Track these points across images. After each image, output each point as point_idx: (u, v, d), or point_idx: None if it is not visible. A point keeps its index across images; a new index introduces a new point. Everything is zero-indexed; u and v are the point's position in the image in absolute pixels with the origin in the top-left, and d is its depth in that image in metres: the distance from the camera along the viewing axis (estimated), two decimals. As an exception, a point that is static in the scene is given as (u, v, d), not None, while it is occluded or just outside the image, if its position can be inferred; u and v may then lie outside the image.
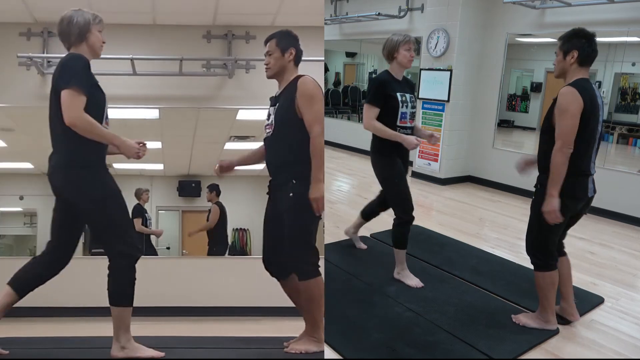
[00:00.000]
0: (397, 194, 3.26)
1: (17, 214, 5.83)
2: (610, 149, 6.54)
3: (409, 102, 3.16)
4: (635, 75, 6.42)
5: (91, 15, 2.21)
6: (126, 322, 2.17)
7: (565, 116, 2.40)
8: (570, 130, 2.40)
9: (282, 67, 2.37)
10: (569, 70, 2.51)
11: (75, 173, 2.14)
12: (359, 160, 8.04)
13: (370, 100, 3.13)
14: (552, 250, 2.65)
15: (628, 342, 2.70)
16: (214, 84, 4.03)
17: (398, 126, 3.12)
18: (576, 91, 2.41)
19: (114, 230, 2.16)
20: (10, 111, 4.20)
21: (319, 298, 2.28)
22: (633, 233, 4.72)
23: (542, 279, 2.66)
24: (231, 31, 4.02)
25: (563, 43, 2.51)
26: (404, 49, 3.12)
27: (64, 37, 2.19)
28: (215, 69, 4.00)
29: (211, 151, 5.05)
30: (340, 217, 4.81)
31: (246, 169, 2.65)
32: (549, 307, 2.70)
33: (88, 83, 2.08)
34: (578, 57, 2.46)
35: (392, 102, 3.10)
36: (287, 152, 2.33)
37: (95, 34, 2.20)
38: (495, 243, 4.25)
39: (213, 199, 5.15)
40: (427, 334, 2.64)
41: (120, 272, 2.17)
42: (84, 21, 2.16)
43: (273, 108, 2.40)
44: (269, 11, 3.83)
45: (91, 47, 2.20)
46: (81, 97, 2.03)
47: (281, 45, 2.35)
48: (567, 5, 5.29)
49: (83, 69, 2.09)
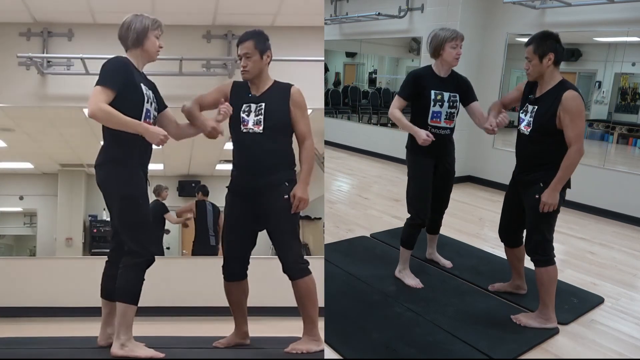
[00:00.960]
0: (413, 194, 3.23)
1: (17, 214, 5.84)
2: (610, 149, 6.53)
3: (447, 101, 3.03)
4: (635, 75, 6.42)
5: (151, 20, 2.28)
6: (128, 319, 2.18)
7: (581, 119, 2.52)
8: (583, 132, 2.54)
9: (260, 70, 2.37)
10: (545, 73, 2.61)
11: (107, 170, 2.22)
12: (359, 160, 8.05)
13: (399, 91, 3.11)
14: (552, 243, 2.75)
15: (628, 342, 2.70)
16: (214, 84, 4.00)
17: (429, 125, 3.04)
18: (578, 94, 2.53)
19: (129, 229, 2.21)
20: (10, 111, 4.21)
21: (315, 295, 2.33)
22: (633, 233, 4.72)
23: (546, 274, 2.70)
24: (231, 31, 4.02)
25: (537, 47, 2.58)
26: (450, 46, 2.97)
27: (122, 40, 2.28)
28: (215, 69, 4.00)
29: (211, 151, 5.05)
30: (340, 217, 4.81)
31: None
32: (550, 303, 2.72)
33: (120, 82, 2.14)
34: (554, 58, 2.57)
35: (423, 99, 3.02)
36: (280, 154, 2.36)
37: (151, 39, 2.28)
38: (495, 243, 4.24)
39: (200, 198, 5.12)
40: (427, 334, 2.64)
41: (128, 269, 2.20)
42: (141, 27, 2.25)
43: (256, 105, 2.36)
44: (269, 11, 3.83)
45: (146, 52, 2.28)
46: (106, 92, 2.10)
47: (259, 47, 2.35)
48: (567, 5, 5.28)
49: (116, 69, 2.17)
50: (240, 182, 2.40)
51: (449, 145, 3.22)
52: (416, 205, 3.21)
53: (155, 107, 2.33)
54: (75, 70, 3.86)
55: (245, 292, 2.51)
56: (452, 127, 3.14)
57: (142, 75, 2.32)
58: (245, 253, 2.46)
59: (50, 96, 3.94)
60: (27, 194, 5.59)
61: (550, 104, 2.57)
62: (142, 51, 2.27)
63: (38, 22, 3.89)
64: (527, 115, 2.71)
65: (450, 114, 3.08)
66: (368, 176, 6.97)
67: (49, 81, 3.92)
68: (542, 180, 2.62)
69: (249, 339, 2.53)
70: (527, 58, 2.64)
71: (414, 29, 7.40)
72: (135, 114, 2.15)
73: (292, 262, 2.32)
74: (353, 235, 4.27)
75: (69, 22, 3.91)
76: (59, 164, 5.51)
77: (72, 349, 2.57)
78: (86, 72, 3.73)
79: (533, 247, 2.73)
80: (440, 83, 3.06)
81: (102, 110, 2.07)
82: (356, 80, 10.73)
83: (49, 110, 4.20)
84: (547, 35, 2.60)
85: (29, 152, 5.27)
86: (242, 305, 2.52)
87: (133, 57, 2.27)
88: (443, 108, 3.04)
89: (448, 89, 3.06)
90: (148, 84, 2.33)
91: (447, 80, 3.09)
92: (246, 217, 2.38)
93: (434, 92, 3.02)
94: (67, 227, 5.48)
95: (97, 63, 2.37)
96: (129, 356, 2.14)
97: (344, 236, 4.19)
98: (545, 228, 2.70)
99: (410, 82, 3.07)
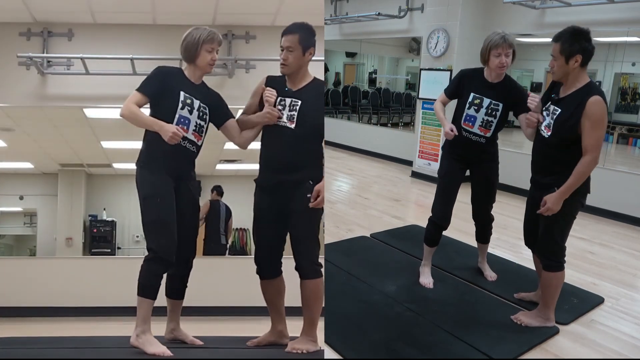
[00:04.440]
0: (436, 194, 3.21)
1: (17, 214, 5.84)
2: (610, 149, 6.55)
3: (485, 107, 2.87)
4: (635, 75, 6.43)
5: (205, 34, 2.31)
6: (142, 312, 2.24)
7: (600, 127, 2.37)
8: (602, 142, 2.40)
9: (299, 66, 2.35)
10: (571, 73, 2.43)
11: (138, 170, 2.33)
12: (359, 160, 8.04)
13: (446, 87, 3.09)
14: (565, 249, 2.65)
15: (628, 342, 2.70)
16: (214, 84, 3.98)
17: (462, 127, 2.94)
18: (603, 101, 2.37)
19: (149, 228, 2.28)
20: (10, 111, 4.21)
21: (322, 297, 2.34)
22: (633, 233, 4.72)
23: (554, 279, 2.64)
24: (231, 31, 4.02)
25: (564, 47, 2.38)
26: (494, 55, 2.78)
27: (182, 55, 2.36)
28: (215, 69, 3.99)
29: (211, 151, 5.05)
30: (340, 217, 4.81)
31: (246, 169, 2.66)
32: (552, 305, 2.71)
33: (154, 88, 2.27)
34: (582, 60, 2.38)
35: (462, 99, 2.94)
36: (308, 153, 2.34)
37: (203, 55, 2.32)
38: (495, 243, 4.24)
39: (214, 198, 5.17)
40: (427, 334, 2.64)
41: (146, 264, 2.27)
42: (192, 44, 2.30)
43: (291, 100, 2.35)
44: (269, 11, 3.83)
45: (199, 66, 2.34)
46: (138, 96, 2.25)
47: (303, 42, 2.31)
48: (567, 5, 5.28)
49: (152, 76, 2.30)
50: (267, 176, 2.38)
51: (483, 155, 3.03)
52: (438, 207, 3.19)
53: (201, 115, 2.35)
54: (75, 70, 3.86)
55: (279, 290, 2.45)
56: (487, 137, 2.95)
57: (193, 85, 2.35)
58: (274, 250, 2.42)
59: (50, 96, 3.94)
60: (27, 193, 5.59)
61: (574, 110, 2.40)
62: (195, 66, 2.34)
63: (38, 22, 3.89)
64: (548, 116, 2.55)
65: (487, 122, 2.90)
66: (368, 176, 6.97)
67: (49, 81, 3.92)
68: (557, 184, 2.47)
69: (287, 339, 2.43)
70: (553, 56, 2.44)
71: (414, 29, 7.40)
72: (167, 119, 2.25)
73: (309, 263, 2.31)
74: (353, 235, 4.27)
75: (69, 22, 3.91)
76: (59, 164, 5.51)
77: (72, 348, 2.57)
78: (86, 72, 3.73)
79: (544, 251, 2.65)
80: (484, 87, 2.90)
81: (129, 110, 2.21)
82: (356, 80, 10.74)
83: (49, 110, 4.20)
84: (577, 33, 2.37)
85: (29, 152, 5.27)
86: (276, 304, 2.45)
87: (188, 69, 2.36)
88: (479, 113, 2.89)
89: (491, 95, 2.88)
90: (201, 95, 2.36)
91: (495, 86, 2.89)
92: (272, 213, 2.37)
93: (473, 94, 2.91)
94: (67, 227, 5.48)
95: (97, 63, 2.39)
96: (139, 347, 2.21)
97: (344, 236, 4.19)
98: (557, 232, 2.59)
99: (456, 80, 3.03)
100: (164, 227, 2.26)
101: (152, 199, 2.26)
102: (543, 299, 2.74)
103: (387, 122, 9.92)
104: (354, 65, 10.70)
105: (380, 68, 10.91)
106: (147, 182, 2.28)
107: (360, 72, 10.57)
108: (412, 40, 8.87)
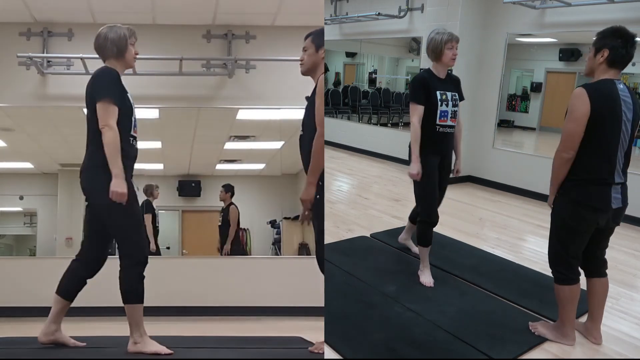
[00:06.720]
0: (420, 194, 3.31)
1: (17, 214, 5.83)
2: (610, 149, 6.54)
3: (450, 100, 3.16)
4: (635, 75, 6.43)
5: (126, 30, 2.35)
6: (137, 318, 2.25)
7: (570, 119, 2.31)
8: (571, 135, 2.30)
9: (314, 63, 2.38)
10: (597, 69, 2.36)
11: (94, 175, 2.25)
12: (359, 160, 8.05)
13: (412, 98, 3.13)
14: (574, 264, 2.49)
15: (628, 342, 2.70)
16: (213, 84, 4.03)
17: (437, 124, 3.13)
18: (585, 94, 2.28)
19: (123, 232, 2.26)
20: (10, 111, 4.21)
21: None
22: (633, 233, 4.72)
23: (561, 292, 2.53)
24: (231, 31, 4.02)
25: (597, 40, 2.33)
26: (447, 48, 3.10)
27: (100, 51, 2.35)
28: (215, 69, 4.00)
29: (211, 151, 5.05)
30: (340, 217, 4.81)
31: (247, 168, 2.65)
32: (567, 321, 2.58)
33: (119, 94, 2.25)
34: (608, 56, 2.30)
35: (431, 100, 3.10)
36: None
37: (129, 49, 2.36)
38: (495, 243, 4.25)
39: (227, 199, 5.11)
40: (427, 334, 2.64)
41: (127, 271, 2.25)
42: (118, 38, 2.31)
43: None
44: (269, 11, 3.83)
45: (126, 61, 2.37)
46: (113, 109, 2.22)
47: (316, 41, 2.37)
48: (567, 5, 5.28)
49: (113, 81, 2.27)
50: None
51: (451, 142, 3.32)
52: (426, 205, 3.27)
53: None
54: (75, 70, 3.86)
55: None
56: (454, 125, 3.23)
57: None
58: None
59: (50, 96, 3.95)
60: (27, 194, 5.58)
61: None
62: (122, 61, 2.35)
63: (38, 22, 3.89)
64: None
65: (454, 112, 3.19)
66: (368, 176, 6.97)
67: (49, 81, 3.93)
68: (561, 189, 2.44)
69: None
70: (589, 49, 2.39)
71: (413, 29, 7.40)
72: (128, 124, 2.27)
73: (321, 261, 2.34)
74: (353, 235, 4.27)
75: (69, 22, 3.91)
76: (59, 164, 5.50)
77: (72, 348, 2.56)
78: (86, 72, 3.73)
79: (549, 259, 2.58)
80: (441, 84, 3.17)
81: (115, 137, 2.18)
82: (356, 80, 10.74)
83: (49, 110, 4.20)
84: (614, 30, 2.31)
85: (29, 152, 5.27)
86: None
87: (112, 66, 2.33)
88: (449, 107, 3.15)
89: (449, 88, 3.19)
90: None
91: (446, 80, 3.21)
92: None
93: (439, 92, 3.12)
94: (67, 227, 5.47)
95: (97, 63, 2.39)
96: (140, 352, 2.22)
97: (344, 236, 4.19)
98: (556, 241, 2.49)
99: (419, 86, 3.13)
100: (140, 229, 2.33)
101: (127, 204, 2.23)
102: (559, 313, 2.62)
103: (387, 122, 9.92)
104: (354, 65, 10.69)
105: (380, 68, 10.91)
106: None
107: (360, 72, 10.56)
108: (412, 40, 8.86)
